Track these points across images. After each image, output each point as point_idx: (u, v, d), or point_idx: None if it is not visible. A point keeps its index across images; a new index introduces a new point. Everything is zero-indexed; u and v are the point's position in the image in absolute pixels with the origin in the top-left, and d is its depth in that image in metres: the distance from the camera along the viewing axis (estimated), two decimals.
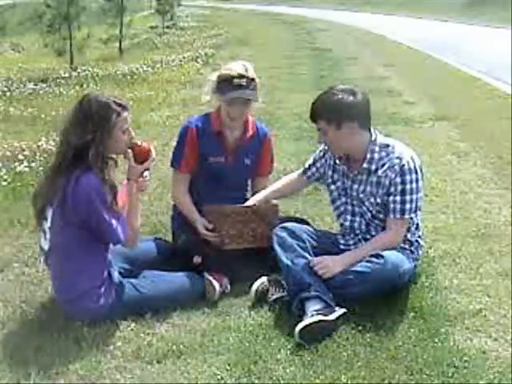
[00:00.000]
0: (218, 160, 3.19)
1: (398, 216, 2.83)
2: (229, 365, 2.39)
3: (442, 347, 2.49)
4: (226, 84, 3.06)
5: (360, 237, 2.96)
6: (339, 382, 2.30)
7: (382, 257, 2.73)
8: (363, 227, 2.95)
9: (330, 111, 2.77)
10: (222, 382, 2.31)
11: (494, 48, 13.91)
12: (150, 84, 9.61)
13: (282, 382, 2.30)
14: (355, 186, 2.92)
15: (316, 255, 2.83)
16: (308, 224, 3.22)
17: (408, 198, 2.81)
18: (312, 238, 2.92)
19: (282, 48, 14.75)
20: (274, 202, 3.16)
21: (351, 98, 2.77)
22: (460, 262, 3.28)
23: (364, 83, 9.08)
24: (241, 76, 3.03)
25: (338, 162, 2.98)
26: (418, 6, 30.65)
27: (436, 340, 2.54)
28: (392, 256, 2.75)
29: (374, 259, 2.75)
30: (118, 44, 15.90)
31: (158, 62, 11.78)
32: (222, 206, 3.07)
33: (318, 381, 2.31)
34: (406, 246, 2.91)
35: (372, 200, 2.88)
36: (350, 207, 2.98)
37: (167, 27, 21.55)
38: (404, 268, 2.77)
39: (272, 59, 12.08)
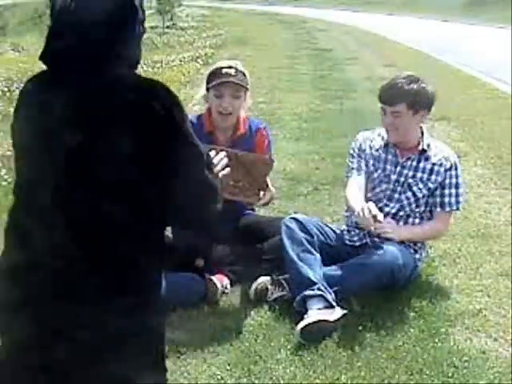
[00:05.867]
0: None
1: (454, 207, 2.96)
2: (229, 365, 2.39)
3: (442, 347, 2.50)
4: (214, 76, 3.06)
5: (365, 232, 2.96)
6: (339, 382, 2.30)
7: (382, 248, 2.78)
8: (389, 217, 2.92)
9: (414, 95, 2.83)
10: (222, 382, 2.32)
11: (494, 48, 13.91)
12: None
13: (281, 382, 2.31)
14: (405, 172, 2.96)
15: (321, 250, 2.86)
16: None
17: (461, 191, 2.96)
18: (320, 232, 2.96)
19: (282, 48, 14.75)
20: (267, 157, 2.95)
21: (431, 89, 2.92)
22: (460, 262, 3.29)
23: (364, 83, 9.10)
24: (229, 67, 3.06)
25: (387, 147, 3.00)
26: (418, 6, 30.66)
27: (436, 340, 2.54)
28: (391, 247, 2.79)
29: (373, 251, 2.81)
30: None
31: (158, 62, 11.77)
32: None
33: (318, 381, 2.31)
34: (411, 244, 2.93)
35: (421, 186, 2.93)
36: (389, 192, 2.98)
37: (167, 27, 21.55)
38: (403, 261, 2.79)
39: (272, 59, 12.08)
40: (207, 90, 3.09)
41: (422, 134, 2.99)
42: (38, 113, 1.57)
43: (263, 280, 2.89)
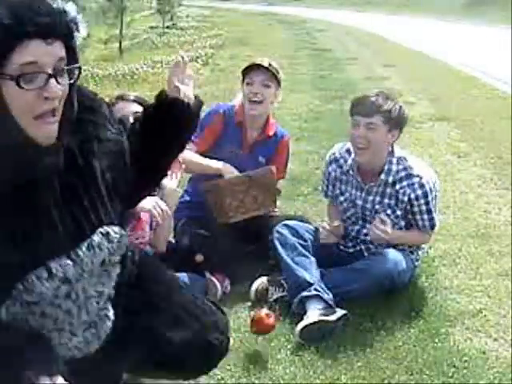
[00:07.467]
0: (235, 150, 3.22)
1: (429, 230, 2.89)
2: (229, 365, 2.39)
3: (442, 347, 2.50)
4: (248, 68, 3.21)
5: (359, 241, 2.96)
6: (339, 382, 2.30)
7: (382, 254, 2.77)
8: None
9: (390, 112, 2.74)
10: (222, 382, 2.31)
11: (494, 48, 13.90)
12: (150, 84, 9.60)
13: (281, 382, 2.31)
14: (370, 198, 2.89)
15: (316, 255, 2.84)
16: (309, 223, 3.23)
17: (434, 213, 2.86)
18: (314, 237, 2.94)
19: (282, 48, 14.72)
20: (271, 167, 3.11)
21: (406, 111, 2.83)
22: (460, 262, 3.29)
23: (364, 83, 9.09)
24: (262, 60, 3.24)
25: (351, 172, 2.94)
26: (418, 7, 30.64)
27: (436, 340, 2.54)
28: (391, 253, 2.78)
29: (373, 257, 2.80)
30: (117, 44, 15.88)
31: (158, 62, 11.75)
32: (218, 180, 3.01)
33: (318, 381, 2.31)
34: (406, 247, 2.91)
35: (389, 212, 2.85)
36: (360, 215, 2.95)
37: (167, 27, 21.51)
38: (403, 267, 2.79)
39: (272, 59, 12.06)
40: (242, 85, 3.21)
41: (391, 153, 2.84)
42: None
43: (263, 280, 2.89)
